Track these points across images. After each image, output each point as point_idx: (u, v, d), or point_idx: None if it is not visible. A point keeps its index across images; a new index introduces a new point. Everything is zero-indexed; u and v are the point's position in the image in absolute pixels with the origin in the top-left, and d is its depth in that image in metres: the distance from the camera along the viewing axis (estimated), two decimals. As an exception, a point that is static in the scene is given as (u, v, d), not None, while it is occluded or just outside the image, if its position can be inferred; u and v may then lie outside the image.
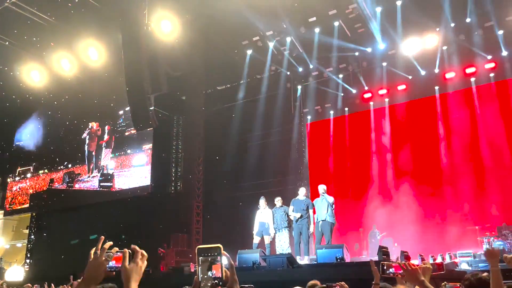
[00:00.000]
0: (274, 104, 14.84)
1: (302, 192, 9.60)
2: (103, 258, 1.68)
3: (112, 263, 1.69)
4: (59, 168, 17.59)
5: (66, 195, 16.89)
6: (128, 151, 15.97)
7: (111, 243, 1.71)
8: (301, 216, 9.13)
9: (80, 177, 16.86)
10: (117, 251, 1.70)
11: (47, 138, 18.04)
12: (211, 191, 15.65)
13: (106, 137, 16.64)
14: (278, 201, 9.66)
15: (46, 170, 17.88)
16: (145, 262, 1.68)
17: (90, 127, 17.01)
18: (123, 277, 1.63)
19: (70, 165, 17.31)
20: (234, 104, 15.62)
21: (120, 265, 1.65)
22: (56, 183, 17.43)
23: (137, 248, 1.68)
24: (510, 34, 12.02)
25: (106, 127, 16.72)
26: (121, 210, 15.34)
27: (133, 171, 15.56)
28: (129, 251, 1.66)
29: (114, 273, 1.70)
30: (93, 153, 16.75)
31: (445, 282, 3.02)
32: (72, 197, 16.73)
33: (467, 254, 8.77)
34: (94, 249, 1.70)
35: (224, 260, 1.50)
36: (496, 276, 2.69)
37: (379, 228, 12.43)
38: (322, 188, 9.39)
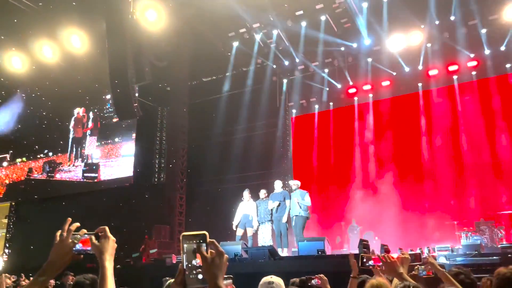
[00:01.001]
0: (260, 97, 14.83)
1: (278, 185, 9.65)
2: (70, 241, 1.61)
3: (79, 246, 1.61)
4: (38, 156, 16.77)
5: (46, 185, 16.24)
6: (116, 140, 15.23)
7: (78, 224, 1.63)
8: (279, 204, 9.18)
9: (62, 166, 16.11)
10: (84, 234, 1.63)
11: (26, 125, 17.25)
12: (195, 183, 15.60)
13: (90, 124, 15.90)
14: (263, 193, 9.68)
15: (24, 159, 17.15)
16: (114, 238, 1.62)
17: (76, 113, 16.21)
18: (96, 254, 1.58)
19: (50, 154, 16.52)
20: (220, 96, 15.55)
21: (88, 248, 1.60)
22: (36, 172, 16.68)
23: (105, 228, 1.63)
24: (493, 33, 12.21)
25: (91, 113, 15.92)
26: (103, 200, 15.16)
27: (122, 161, 14.84)
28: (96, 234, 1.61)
29: (82, 256, 1.63)
30: (78, 141, 15.98)
31: (417, 266, 3.08)
32: (52, 187, 16.12)
33: (445, 248, 8.95)
34: (60, 231, 1.62)
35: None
36: None
37: (360, 221, 12.59)
38: (295, 183, 9.46)
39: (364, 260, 2.76)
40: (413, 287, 2.25)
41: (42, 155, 16.77)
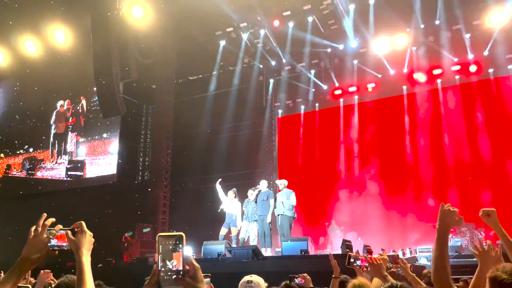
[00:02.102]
0: (246, 97, 14.82)
1: (264, 184, 9.68)
2: (44, 236, 1.56)
3: (54, 241, 1.57)
4: (18, 152, 15.78)
5: (25, 182, 15.45)
6: (105, 135, 14.45)
7: (53, 219, 1.60)
8: (258, 194, 9.26)
9: (43, 163, 15.34)
10: (60, 229, 1.59)
11: (5, 120, 16.42)
12: (179, 182, 15.50)
13: (71, 119, 15.12)
14: (250, 193, 9.68)
15: (2, 155, 16.20)
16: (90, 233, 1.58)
17: (58, 106, 15.34)
18: (73, 249, 1.54)
19: (31, 150, 15.59)
20: (206, 95, 15.48)
21: (64, 244, 1.56)
22: (14, 169, 15.75)
23: (82, 223, 1.58)
24: (476, 38, 12.41)
25: (69, 107, 15.02)
26: (85, 198, 14.93)
27: (110, 159, 14.11)
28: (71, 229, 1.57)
29: (57, 252, 1.58)
30: (61, 136, 15.16)
31: (393, 266, 3.13)
32: (32, 184, 15.42)
33: (426, 249, 9.07)
34: (34, 226, 1.58)
35: (188, 251, 1.44)
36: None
37: (343, 222, 12.68)
38: (282, 183, 9.50)
39: (352, 260, 2.79)
40: (400, 286, 2.29)
41: (22, 151, 15.83)
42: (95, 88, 14.02)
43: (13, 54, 14.69)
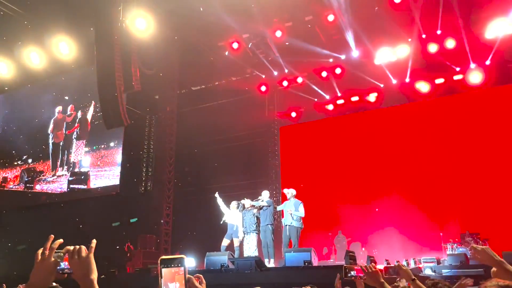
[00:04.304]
0: (248, 107, 14.86)
1: (266, 194, 9.64)
2: (52, 259, 1.49)
3: (63, 264, 1.51)
4: (15, 163, 14.87)
5: (24, 195, 14.70)
6: (112, 144, 13.79)
7: (61, 241, 1.53)
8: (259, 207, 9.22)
9: (43, 175, 14.56)
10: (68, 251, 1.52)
11: (5, 129, 15.85)
12: (182, 193, 15.47)
13: (75, 125, 14.28)
14: (248, 203, 9.63)
15: None
16: (90, 253, 1.52)
17: (56, 112, 14.33)
18: (77, 274, 1.49)
19: (30, 160, 14.71)
20: (208, 105, 15.53)
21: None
22: (11, 182, 14.78)
23: (81, 247, 1.53)
24: (478, 48, 12.43)
25: (72, 112, 14.17)
26: (87, 209, 14.92)
27: (115, 170, 13.47)
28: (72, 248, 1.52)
29: (65, 275, 1.52)
30: (60, 146, 14.36)
31: (398, 278, 3.10)
32: (33, 195, 14.78)
33: (431, 260, 8.99)
34: (41, 249, 1.50)
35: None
36: None
37: (347, 232, 12.60)
38: (290, 192, 9.45)
39: (347, 270, 2.78)
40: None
41: (20, 162, 14.90)
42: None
43: (17, 65, 14.82)
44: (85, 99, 14.64)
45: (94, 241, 1.55)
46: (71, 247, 1.52)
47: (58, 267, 1.51)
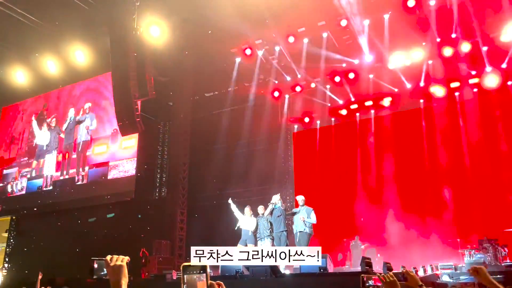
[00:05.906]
0: (261, 113, 14.87)
1: (276, 198, 9.62)
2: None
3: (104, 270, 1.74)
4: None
5: (46, 199, 16.32)
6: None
7: (128, 258, 1.75)
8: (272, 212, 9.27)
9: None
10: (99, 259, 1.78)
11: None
12: (196, 198, 15.53)
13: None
14: (261, 209, 9.63)
15: None
16: (123, 261, 1.72)
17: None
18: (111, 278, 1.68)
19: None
20: (222, 111, 15.60)
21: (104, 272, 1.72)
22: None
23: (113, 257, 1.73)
24: (494, 51, 12.26)
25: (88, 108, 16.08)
26: (103, 215, 15.09)
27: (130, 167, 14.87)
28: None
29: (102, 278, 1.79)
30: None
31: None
32: (52, 201, 16.17)
33: (448, 266, 8.85)
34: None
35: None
36: None
37: (362, 238, 12.47)
38: (301, 198, 9.43)
39: (365, 279, 2.76)
40: None
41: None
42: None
43: (34, 73, 15.13)
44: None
45: (127, 258, 1.77)
46: (109, 257, 1.74)
47: (101, 273, 1.74)
